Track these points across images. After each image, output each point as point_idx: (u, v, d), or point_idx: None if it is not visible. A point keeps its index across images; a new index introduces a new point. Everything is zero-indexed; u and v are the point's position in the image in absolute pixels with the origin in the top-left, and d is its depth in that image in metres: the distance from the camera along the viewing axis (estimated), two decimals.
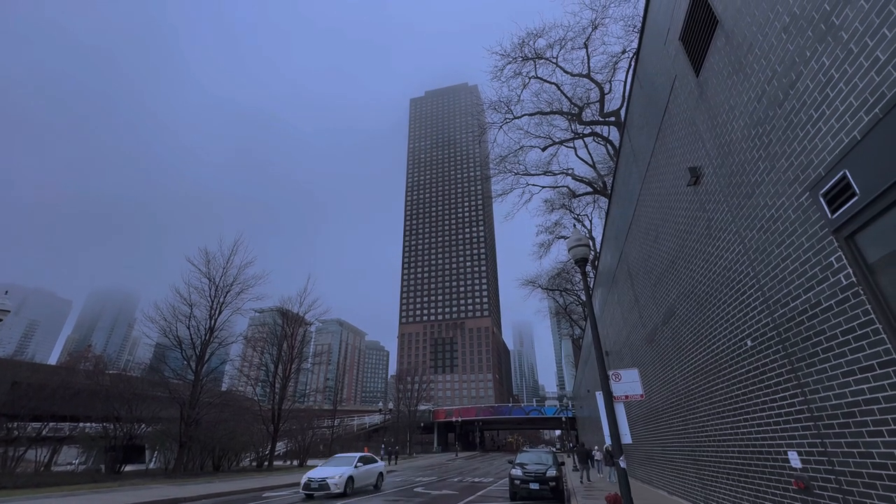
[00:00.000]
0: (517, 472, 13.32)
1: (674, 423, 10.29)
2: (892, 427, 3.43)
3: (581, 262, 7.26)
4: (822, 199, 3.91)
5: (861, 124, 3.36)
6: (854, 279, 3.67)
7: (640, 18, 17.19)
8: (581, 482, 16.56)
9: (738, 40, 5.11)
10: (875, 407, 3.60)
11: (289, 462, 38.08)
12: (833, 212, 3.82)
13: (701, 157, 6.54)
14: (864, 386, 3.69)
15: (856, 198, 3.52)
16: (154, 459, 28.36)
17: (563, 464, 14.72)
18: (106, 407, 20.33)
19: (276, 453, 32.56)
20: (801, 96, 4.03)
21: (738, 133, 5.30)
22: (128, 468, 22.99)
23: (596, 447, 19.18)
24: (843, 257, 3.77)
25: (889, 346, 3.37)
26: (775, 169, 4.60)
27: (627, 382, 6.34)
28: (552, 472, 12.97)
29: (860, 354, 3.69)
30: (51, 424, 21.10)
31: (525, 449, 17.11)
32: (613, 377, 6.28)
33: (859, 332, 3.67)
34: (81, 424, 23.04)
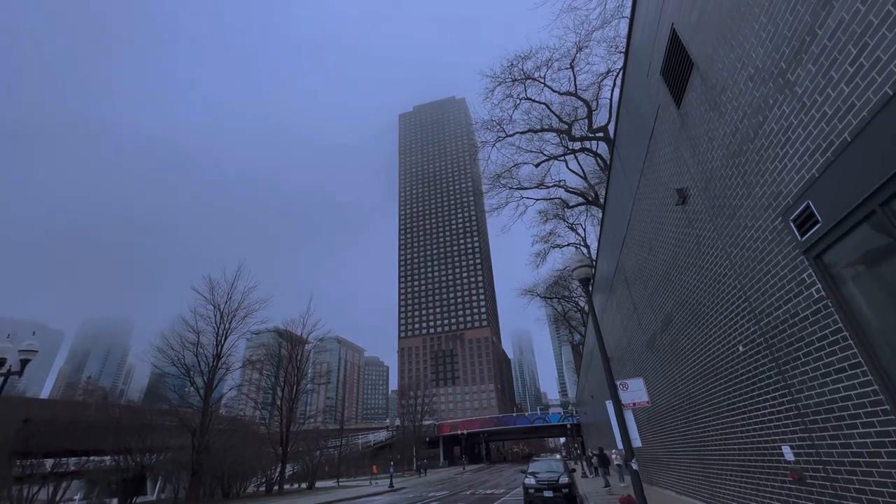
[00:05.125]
0: (530, 480, 13.69)
1: (678, 425, 10.78)
2: (864, 420, 4.00)
3: (584, 282, 7.84)
4: (792, 224, 4.52)
5: (817, 164, 3.99)
6: (823, 293, 4.26)
7: (622, 40, 18.25)
8: (605, 487, 16.74)
9: (712, 82, 5.78)
10: (849, 403, 4.17)
11: (296, 485, 37.81)
12: (802, 235, 4.43)
13: (686, 179, 7.19)
14: (839, 385, 4.26)
15: (819, 224, 4.12)
16: (159, 489, 28.18)
17: (574, 470, 15.06)
18: (117, 439, 20.37)
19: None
20: (769, 136, 4.68)
21: (718, 162, 5.94)
22: (138, 500, 22.93)
23: (614, 451, 19.19)
24: (814, 274, 4.36)
25: (855, 350, 3.95)
26: (752, 195, 5.23)
27: (634, 391, 6.87)
28: (564, 479, 13.37)
29: (833, 358, 4.27)
30: (62, 460, 21.06)
31: (536, 458, 17.47)
32: (621, 386, 6.81)
33: (831, 339, 4.25)
34: (93, 458, 22.97)
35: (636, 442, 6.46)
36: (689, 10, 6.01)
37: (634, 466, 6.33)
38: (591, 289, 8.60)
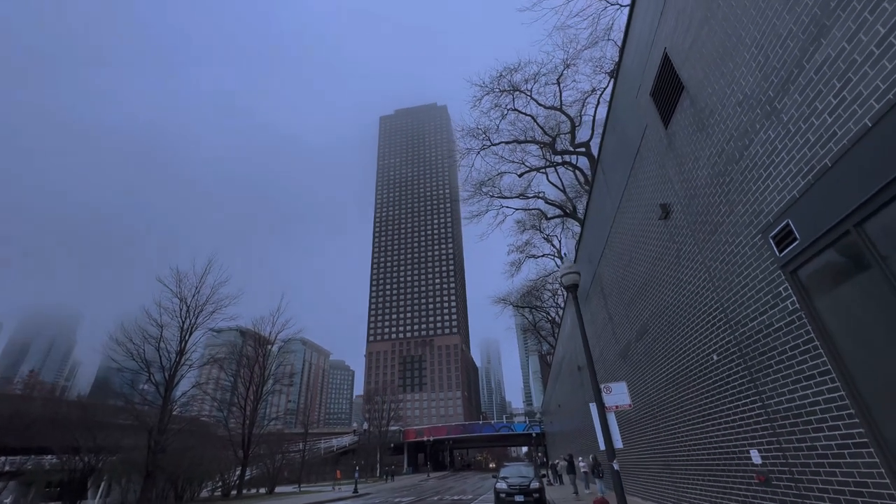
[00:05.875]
0: (502, 485, 13.83)
1: (647, 432, 11.19)
2: (829, 423, 4.33)
3: (572, 288, 8.09)
4: (771, 241, 4.88)
5: (798, 186, 4.33)
6: (797, 305, 4.61)
7: (608, 61, 19.07)
8: (575, 494, 16.93)
9: (700, 105, 6.16)
10: (817, 408, 4.51)
11: (255, 490, 36.37)
12: (780, 251, 4.78)
13: (670, 195, 7.57)
14: (808, 391, 4.60)
15: (797, 242, 4.47)
16: (102, 492, 26.34)
17: (544, 475, 15.30)
18: (65, 436, 18.94)
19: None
20: (754, 158, 5.03)
21: (703, 180, 6.31)
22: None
23: (581, 458, 19.39)
24: (789, 287, 4.72)
25: (825, 358, 4.29)
26: (734, 213, 5.59)
27: (617, 394, 7.13)
28: (535, 484, 13.57)
29: (804, 366, 4.61)
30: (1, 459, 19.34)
31: (506, 464, 17.67)
32: (605, 390, 7.06)
33: (803, 348, 4.60)
34: (32, 457, 21.20)
35: (618, 443, 6.70)
36: (683, 36, 6.39)
37: (616, 466, 6.55)
38: (571, 293, 8.88)
